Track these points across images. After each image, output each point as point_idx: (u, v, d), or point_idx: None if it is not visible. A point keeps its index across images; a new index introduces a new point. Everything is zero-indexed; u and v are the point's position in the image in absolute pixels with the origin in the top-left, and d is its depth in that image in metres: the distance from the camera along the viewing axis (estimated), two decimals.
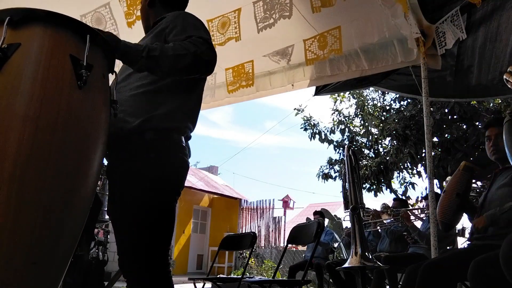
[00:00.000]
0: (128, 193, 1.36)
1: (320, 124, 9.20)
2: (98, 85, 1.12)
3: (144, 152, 1.36)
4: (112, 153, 1.42)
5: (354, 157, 2.55)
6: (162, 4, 1.67)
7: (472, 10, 2.98)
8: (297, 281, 2.98)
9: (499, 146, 2.10)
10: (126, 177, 1.37)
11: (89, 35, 1.08)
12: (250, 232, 3.56)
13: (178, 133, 1.45)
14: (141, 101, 1.40)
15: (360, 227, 2.31)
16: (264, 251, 11.35)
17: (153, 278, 1.33)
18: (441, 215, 2.20)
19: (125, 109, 1.37)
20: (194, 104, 1.54)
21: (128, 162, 1.37)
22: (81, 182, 1.06)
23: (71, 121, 1.01)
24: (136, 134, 1.37)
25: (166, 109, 1.40)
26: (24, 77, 0.97)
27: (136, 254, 1.34)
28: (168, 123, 1.40)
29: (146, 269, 1.33)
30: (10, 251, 0.92)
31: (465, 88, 3.81)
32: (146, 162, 1.36)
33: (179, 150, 1.44)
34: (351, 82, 3.95)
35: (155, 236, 1.36)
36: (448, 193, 2.21)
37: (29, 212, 0.94)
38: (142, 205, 1.34)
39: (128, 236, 1.37)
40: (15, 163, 0.93)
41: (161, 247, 1.38)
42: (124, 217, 1.38)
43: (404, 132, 7.53)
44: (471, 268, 1.67)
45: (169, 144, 1.41)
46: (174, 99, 1.44)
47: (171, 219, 1.41)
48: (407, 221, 4.05)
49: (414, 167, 8.30)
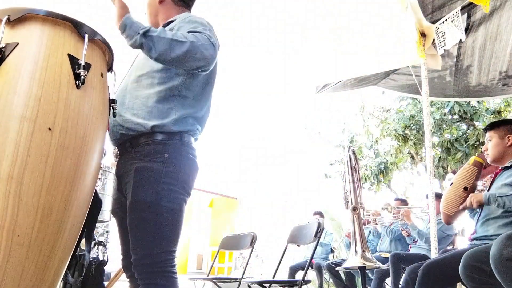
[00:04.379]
0: (141, 192, 1.35)
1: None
2: (97, 84, 1.12)
3: (156, 153, 1.38)
4: (125, 153, 1.44)
5: (354, 157, 2.55)
6: (174, 0, 1.65)
7: (472, 10, 2.97)
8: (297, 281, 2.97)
9: (490, 151, 2.15)
10: (139, 176, 1.37)
11: (87, 34, 1.08)
12: (250, 232, 3.55)
13: (189, 135, 1.47)
14: (153, 106, 1.41)
15: (360, 227, 2.31)
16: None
17: (159, 279, 1.32)
18: (446, 207, 2.19)
19: (136, 112, 1.41)
20: (205, 112, 1.55)
21: (140, 162, 1.38)
22: (80, 182, 1.06)
23: (69, 121, 1.01)
24: (148, 135, 1.39)
25: (177, 115, 1.42)
26: (22, 77, 0.97)
27: (144, 253, 1.33)
28: (180, 127, 1.42)
29: (153, 269, 1.32)
30: (9, 252, 0.92)
31: (465, 88, 3.81)
32: (158, 162, 1.37)
33: (190, 152, 1.45)
34: (351, 82, 3.95)
35: (164, 236, 1.35)
36: (455, 185, 2.19)
37: (27, 212, 0.94)
38: (153, 205, 1.34)
39: (137, 236, 1.36)
40: (13, 164, 0.92)
41: (169, 247, 1.37)
42: (135, 217, 1.36)
43: (404, 132, 7.53)
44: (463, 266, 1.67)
45: (181, 146, 1.42)
46: (185, 105, 1.45)
47: (180, 219, 1.41)
48: (407, 219, 4.07)
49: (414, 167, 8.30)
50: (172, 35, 1.31)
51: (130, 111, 1.42)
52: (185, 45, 1.30)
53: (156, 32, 1.29)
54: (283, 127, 16.98)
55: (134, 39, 1.29)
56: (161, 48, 1.29)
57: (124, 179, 1.43)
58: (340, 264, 4.11)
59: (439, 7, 3.07)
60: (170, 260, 1.36)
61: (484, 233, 2.03)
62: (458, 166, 6.81)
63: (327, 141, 9.72)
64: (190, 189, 1.46)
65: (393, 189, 8.69)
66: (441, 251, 3.19)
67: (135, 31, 1.28)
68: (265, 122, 17.50)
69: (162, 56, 1.31)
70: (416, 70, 3.51)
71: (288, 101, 18.37)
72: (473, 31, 3.14)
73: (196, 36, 1.34)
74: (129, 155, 1.42)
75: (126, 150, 1.44)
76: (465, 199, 2.13)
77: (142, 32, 1.28)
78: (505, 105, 6.95)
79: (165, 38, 1.29)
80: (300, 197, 13.39)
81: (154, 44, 1.28)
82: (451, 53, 3.39)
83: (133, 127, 1.40)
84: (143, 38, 1.28)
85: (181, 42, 1.30)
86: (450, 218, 2.18)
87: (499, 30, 3.04)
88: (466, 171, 2.20)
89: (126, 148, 1.44)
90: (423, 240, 3.87)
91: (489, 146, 2.17)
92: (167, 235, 1.36)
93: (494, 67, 3.40)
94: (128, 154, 1.43)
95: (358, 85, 4.14)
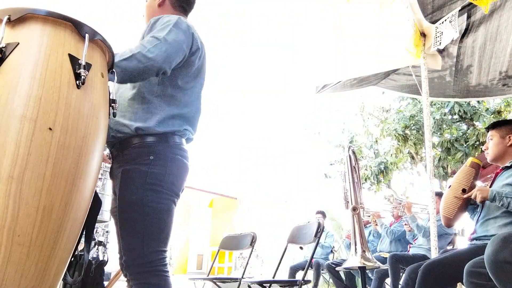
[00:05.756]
0: (127, 194, 1.37)
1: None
2: (97, 84, 1.12)
3: (143, 155, 1.39)
4: (115, 155, 1.47)
5: (354, 157, 2.55)
6: (172, 4, 1.65)
7: (472, 10, 2.98)
8: (297, 281, 2.97)
9: (491, 150, 2.17)
10: (125, 178, 1.39)
11: (87, 34, 1.08)
12: (250, 232, 3.55)
13: (177, 136, 1.47)
14: (137, 107, 1.43)
15: (360, 227, 2.31)
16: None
17: (151, 278, 1.34)
18: (445, 209, 2.19)
19: (124, 114, 1.42)
20: (194, 112, 1.55)
21: (128, 164, 1.40)
22: (80, 182, 1.06)
23: (70, 120, 1.01)
24: (135, 138, 1.41)
25: (161, 115, 1.42)
26: (22, 77, 0.97)
27: (134, 254, 1.36)
28: (165, 128, 1.42)
29: (144, 269, 1.34)
30: (9, 251, 0.92)
31: (465, 88, 3.81)
32: (144, 165, 1.38)
33: (178, 153, 1.45)
34: (351, 82, 3.95)
35: (152, 237, 1.37)
36: (453, 188, 2.20)
37: (28, 212, 0.94)
38: (139, 206, 1.36)
39: (126, 237, 1.38)
40: (14, 163, 0.92)
41: (158, 247, 1.38)
42: (123, 218, 1.39)
43: (404, 132, 7.53)
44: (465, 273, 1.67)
45: (167, 147, 1.43)
46: (170, 105, 1.45)
47: (169, 219, 1.42)
48: (408, 211, 4.10)
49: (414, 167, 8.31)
50: (119, 56, 1.29)
51: (119, 113, 1.42)
52: (131, 59, 1.29)
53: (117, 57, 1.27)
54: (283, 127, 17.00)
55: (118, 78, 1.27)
56: (119, 74, 1.27)
57: (115, 181, 1.46)
58: (340, 264, 4.11)
59: (439, 7, 3.07)
60: (161, 260, 1.37)
61: (484, 233, 2.03)
62: (458, 166, 6.81)
63: (327, 141, 9.72)
64: (179, 190, 1.46)
65: (393, 189, 8.69)
66: (441, 251, 3.19)
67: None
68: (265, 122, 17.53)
69: (122, 79, 1.30)
70: (416, 70, 3.51)
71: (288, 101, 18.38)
72: (473, 31, 3.14)
73: (142, 44, 1.33)
74: (119, 158, 1.44)
75: (117, 152, 1.46)
76: (464, 201, 2.13)
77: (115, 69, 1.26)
78: (505, 105, 6.95)
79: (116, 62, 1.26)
80: (300, 197, 13.39)
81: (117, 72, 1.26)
82: (451, 53, 3.39)
83: (121, 129, 1.42)
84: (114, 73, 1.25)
85: (127, 59, 1.28)
86: (450, 220, 2.18)
87: (499, 30, 3.04)
88: (463, 173, 2.21)
89: (117, 150, 1.46)
90: (421, 234, 3.88)
91: (490, 145, 2.18)
92: (156, 235, 1.37)
93: (494, 67, 3.40)
94: (118, 157, 1.45)
95: (358, 85, 4.14)
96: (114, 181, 1.46)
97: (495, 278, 1.44)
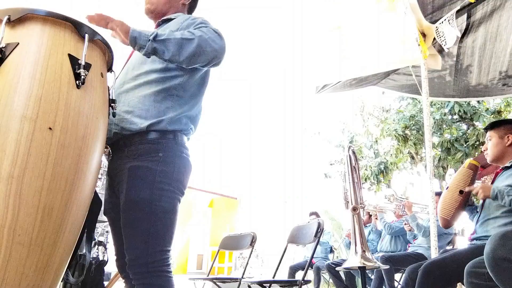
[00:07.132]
0: (135, 192, 1.35)
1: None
2: (97, 84, 1.12)
3: (151, 152, 1.38)
4: (117, 152, 1.44)
5: (354, 157, 2.55)
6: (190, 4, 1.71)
7: (472, 10, 2.98)
8: (297, 281, 2.97)
9: (490, 150, 2.16)
10: (132, 176, 1.36)
11: (87, 35, 1.08)
12: (250, 232, 3.55)
13: (183, 135, 1.48)
14: (150, 105, 1.42)
15: (360, 227, 2.31)
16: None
17: (154, 279, 1.32)
18: (442, 211, 2.20)
19: (132, 110, 1.41)
20: (198, 111, 1.56)
21: (134, 162, 1.38)
22: (80, 182, 1.06)
23: (70, 120, 1.01)
24: (143, 134, 1.39)
25: (173, 114, 1.43)
26: (22, 77, 0.97)
27: (137, 253, 1.33)
28: (175, 127, 1.43)
29: (147, 269, 1.32)
30: (10, 251, 0.92)
31: (465, 88, 3.81)
32: (152, 161, 1.37)
33: (183, 151, 1.45)
34: (351, 82, 3.95)
35: (159, 236, 1.35)
36: (451, 189, 2.20)
37: (28, 212, 0.94)
38: (147, 205, 1.34)
39: (131, 235, 1.35)
40: (14, 163, 0.92)
41: (164, 247, 1.36)
42: (129, 216, 1.36)
43: (404, 132, 7.54)
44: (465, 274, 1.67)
45: (175, 145, 1.43)
46: (181, 105, 1.46)
47: (174, 218, 1.41)
48: (408, 210, 4.10)
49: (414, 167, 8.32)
50: (181, 34, 1.34)
51: (126, 110, 1.42)
52: (193, 41, 1.33)
53: (164, 35, 1.32)
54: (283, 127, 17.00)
55: (146, 47, 1.31)
56: (173, 49, 1.31)
57: (116, 178, 1.42)
58: (340, 264, 4.11)
59: (439, 7, 3.07)
60: (165, 260, 1.36)
61: (484, 233, 2.03)
62: (458, 166, 6.81)
63: (327, 141, 9.72)
64: (184, 188, 1.46)
65: (393, 189, 8.69)
66: (441, 251, 3.19)
67: (145, 39, 1.31)
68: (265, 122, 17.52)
69: (175, 57, 1.33)
70: (416, 70, 3.51)
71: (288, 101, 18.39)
72: (473, 31, 3.14)
73: (202, 31, 1.37)
74: (122, 154, 1.42)
75: (119, 149, 1.43)
76: (462, 202, 2.14)
77: (152, 38, 1.30)
78: (505, 105, 6.95)
79: (175, 38, 1.32)
80: (300, 197, 13.40)
81: (166, 47, 1.31)
82: (451, 53, 3.39)
83: (128, 126, 1.40)
84: (154, 43, 1.30)
85: (190, 39, 1.33)
86: (447, 222, 2.19)
87: (499, 30, 3.04)
88: (461, 175, 2.21)
89: (119, 147, 1.43)
90: (421, 233, 3.89)
91: (489, 145, 2.18)
92: (162, 234, 1.36)
93: (494, 67, 3.40)
94: (120, 153, 1.42)
95: (358, 85, 4.14)
96: (115, 178, 1.43)
97: (494, 275, 1.44)
